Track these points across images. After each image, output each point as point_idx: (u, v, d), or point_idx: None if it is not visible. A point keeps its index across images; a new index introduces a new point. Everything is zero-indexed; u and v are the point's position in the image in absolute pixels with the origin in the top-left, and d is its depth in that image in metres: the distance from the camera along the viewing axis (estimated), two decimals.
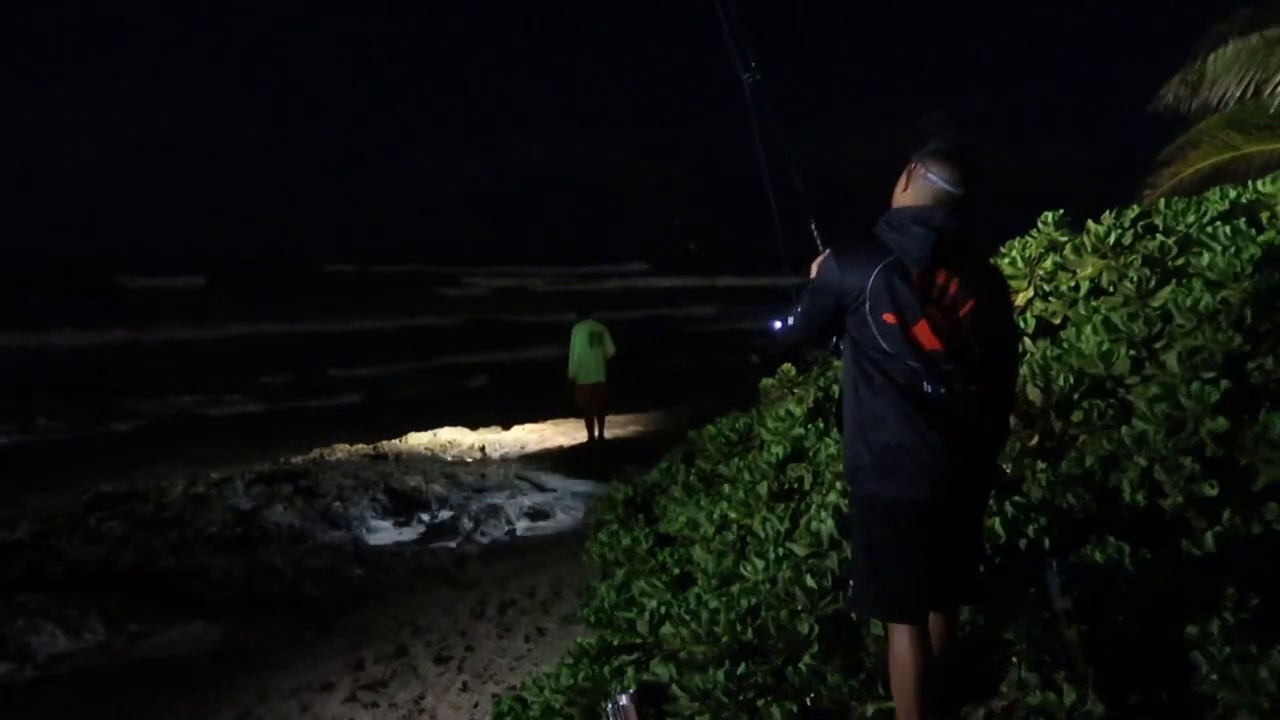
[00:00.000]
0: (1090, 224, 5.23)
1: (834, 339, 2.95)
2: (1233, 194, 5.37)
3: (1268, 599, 3.02)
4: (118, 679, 6.54)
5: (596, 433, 13.16)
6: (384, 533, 9.77)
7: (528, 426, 14.86)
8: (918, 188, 2.80)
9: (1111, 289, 4.89)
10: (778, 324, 3.07)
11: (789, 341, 3.10)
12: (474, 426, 14.63)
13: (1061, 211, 5.54)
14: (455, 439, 13.96)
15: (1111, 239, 5.03)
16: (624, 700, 3.55)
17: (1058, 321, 5.03)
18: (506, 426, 14.81)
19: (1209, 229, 4.84)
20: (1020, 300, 5.22)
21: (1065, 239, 5.31)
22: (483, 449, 13.39)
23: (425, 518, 10.15)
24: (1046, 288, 5.20)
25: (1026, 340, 4.88)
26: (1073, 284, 5.10)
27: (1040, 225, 5.56)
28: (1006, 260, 5.37)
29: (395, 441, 13.58)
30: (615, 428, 14.09)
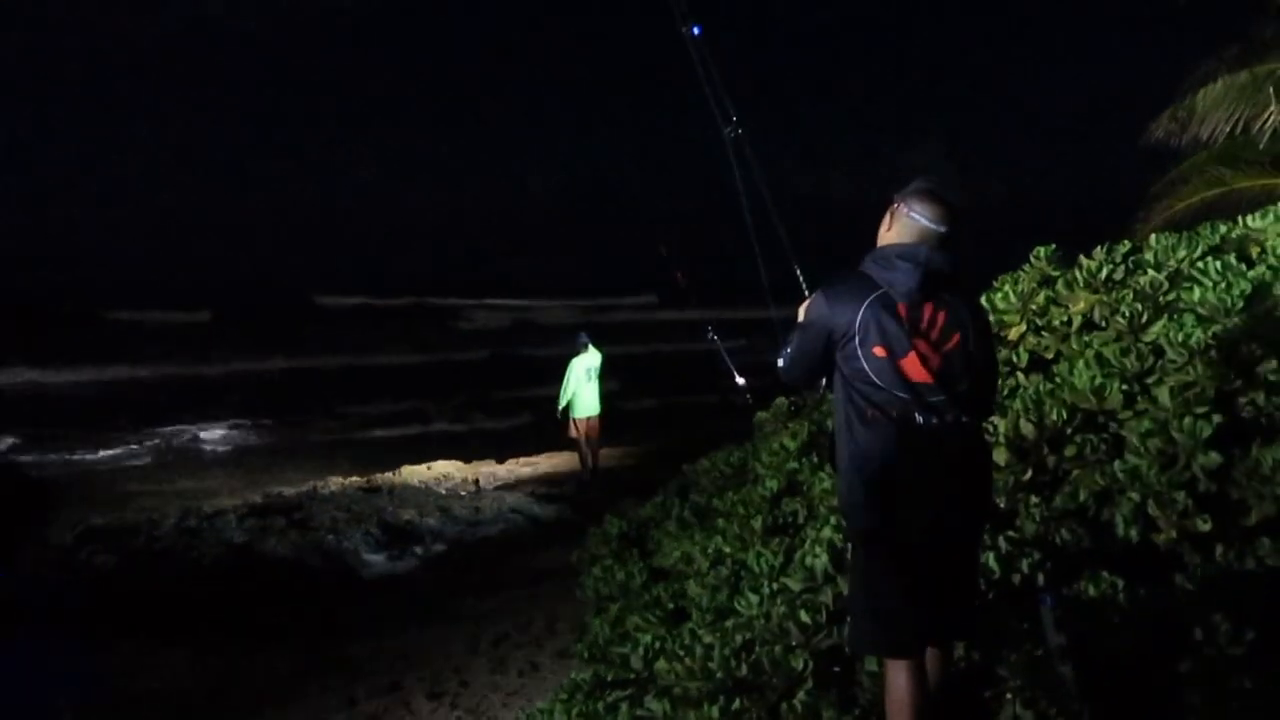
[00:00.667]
0: (1082, 259, 5.26)
1: (822, 379, 2.95)
2: (1223, 229, 5.41)
3: (1261, 634, 3.01)
4: (106, 714, 6.46)
5: (591, 465, 13.13)
6: (377, 566, 9.72)
7: (522, 459, 14.83)
8: (902, 226, 2.83)
9: (1103, 324, 4.91)
10: (781, 361, 3.06)
11: (785, 380, 3.10)
12: (468, 459, 14.60)
13: (1054, 246, 5.57)
14: (449, 471, 13.90)
15: (1103, 274, 5.07)
16: None
17: (1050, 356, 5.05)
18: (501, 459, 14.77)
19: (1200, 264, 4.87)
20: (1013, 335, 5.24)
21: (1057, 274, 5.34)
22: (477, 481, 13.34)
23: (419, 550, 10.10)
24: (1039, 322, 5.22)
25: (1019, 374, 4.90)
26: (1065, 318, 5.12)
27: (1032, 260, 5.58)
28: (999, 295, 5.39)
29: (389, 474, 13.52)
30: (610, 460, 14.05)
